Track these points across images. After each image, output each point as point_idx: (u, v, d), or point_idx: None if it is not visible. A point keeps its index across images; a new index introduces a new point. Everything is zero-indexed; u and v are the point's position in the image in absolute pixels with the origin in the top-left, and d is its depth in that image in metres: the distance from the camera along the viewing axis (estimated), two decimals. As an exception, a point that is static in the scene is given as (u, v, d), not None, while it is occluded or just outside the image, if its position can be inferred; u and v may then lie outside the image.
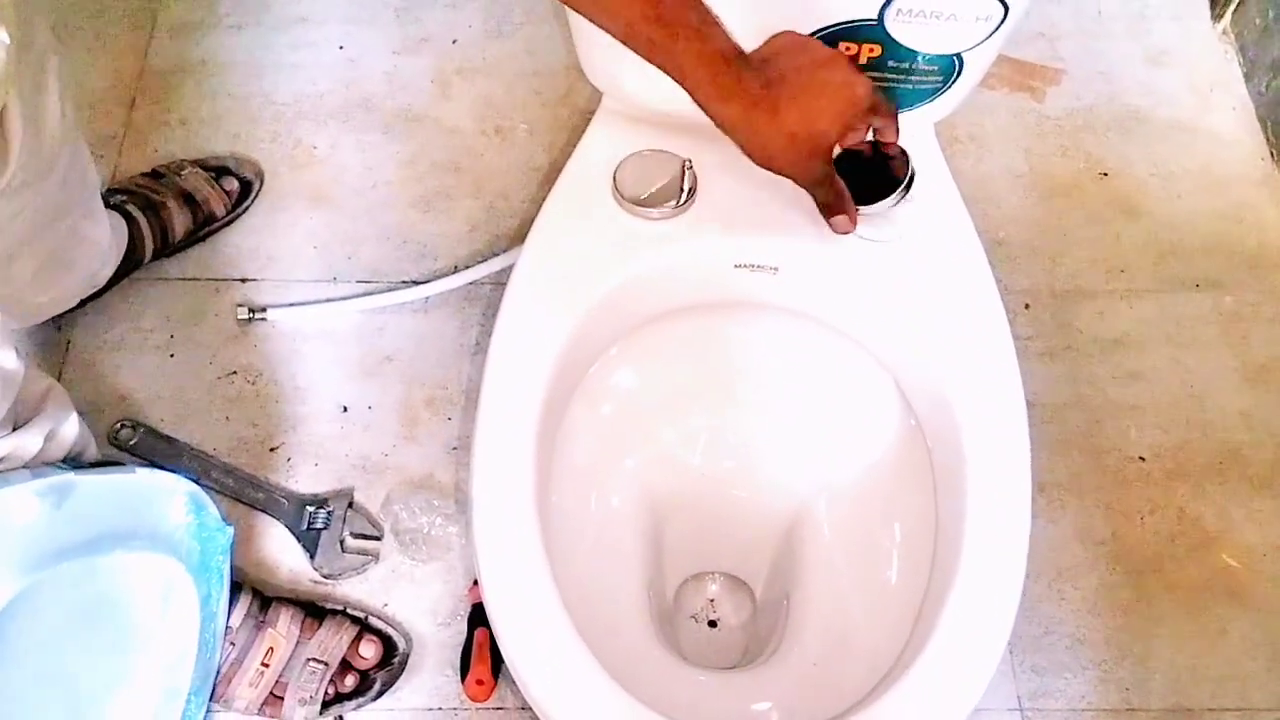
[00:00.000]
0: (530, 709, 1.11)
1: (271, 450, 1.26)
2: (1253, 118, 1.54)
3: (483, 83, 1.53)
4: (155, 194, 1.33)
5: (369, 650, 1.11)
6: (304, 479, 1.24)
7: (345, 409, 1.29)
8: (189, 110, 1.49)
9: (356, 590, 1.19)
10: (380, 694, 1.11)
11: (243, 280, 1.36)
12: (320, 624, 1.11)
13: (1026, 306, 1.39)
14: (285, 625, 1.10)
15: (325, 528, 1.19)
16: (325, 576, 1.18)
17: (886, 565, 0.97)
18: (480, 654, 1.12)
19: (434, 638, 1.16)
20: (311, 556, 1.18)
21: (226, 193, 1.37)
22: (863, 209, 0.86)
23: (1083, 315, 1.39)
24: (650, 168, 0.92)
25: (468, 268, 1.36)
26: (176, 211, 1.32)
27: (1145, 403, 1.34)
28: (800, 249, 0.94)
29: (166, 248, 1.34)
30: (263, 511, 1.21)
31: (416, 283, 1.35)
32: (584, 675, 0.79)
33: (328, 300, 1.34)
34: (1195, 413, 1.33)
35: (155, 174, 1.37)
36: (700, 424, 1.06)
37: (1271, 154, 1.51)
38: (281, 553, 1.20)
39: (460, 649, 1.15)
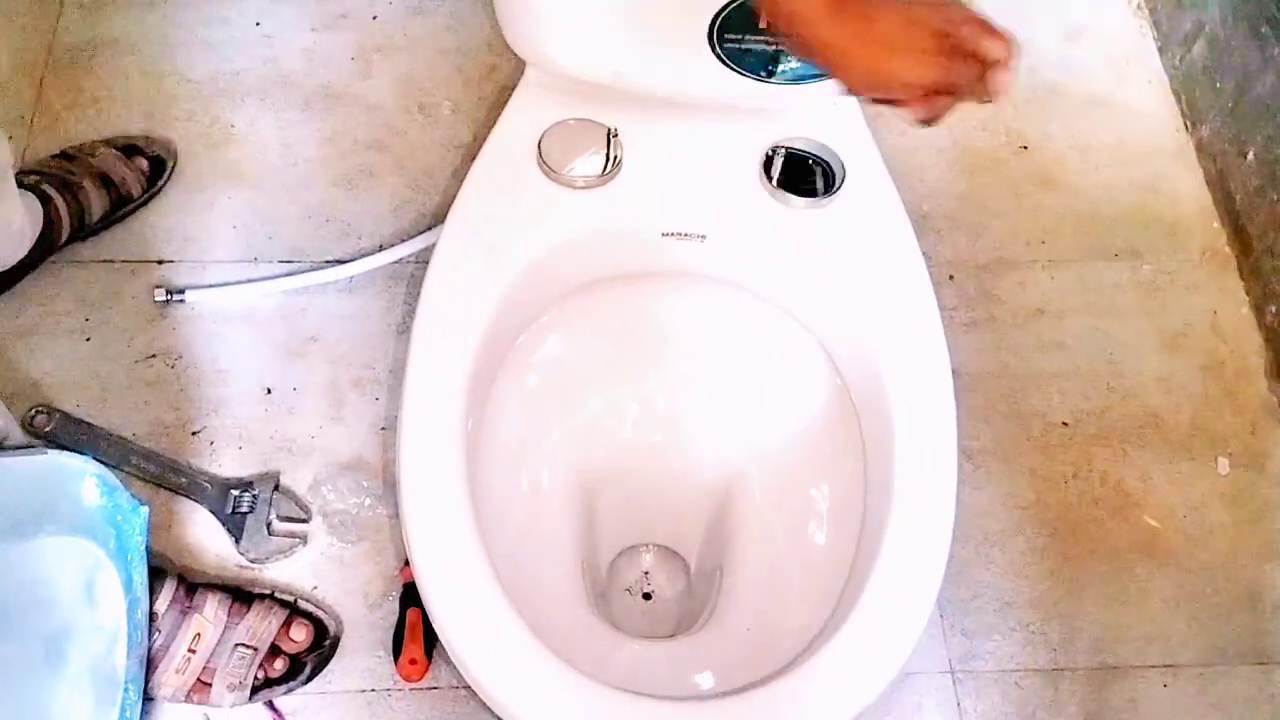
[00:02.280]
0: (465, 687, 1.11)
1: (194, 434, 1.23)
2: (1167, 90, 1.57)
3: (404, 60, 1.51)
4: (70, 175, 1.29)
5: (299, 634, 1.09)
6: (228, 463, 1.22)
7: (269, 391, 1.26)
8: (101, 89, 1.45)
9: (285, 574, 1.16)
10: (311, 677, 1.10)
11: (160, 262, 1.33)
12: (249, 608, 1.09)
13: (950, 278, 1.41)
14: (212, 610, 1.07)
15: (250, 511, 1.17)
16: (252, 561, 1.16)
17: (817, 529, 0.98)
18: (413, 634, 1.11)
19: (365, 619, 1.15)
20: (237, 541, 1.16)
21: (141, 172, 1.34)
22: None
23: (1005, 285, 1.42)
24: (575, 137, 0.91)
25: (392, 246, 1.34)
26: (93, 192, 1.29)
27: (1067, 370, 1.36)
28: (727, 217, 0.94)
29: (83, 230, 1.30)
30: (186, 496, 1.18)
31: (340, 262, 1.33)
32: (521, 649, 0.78)
33: (249, 281, 1.31)
34: (1115, 379, 1.36)
35: (67, 155, 1.33)
36: (629, 395, 1.05)
37: (1186, 125, 1.54)
38: (207, 538, 1.18)
39: (393, 630, 1.13)
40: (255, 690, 1.07)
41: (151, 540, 1.15)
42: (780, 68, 0.90)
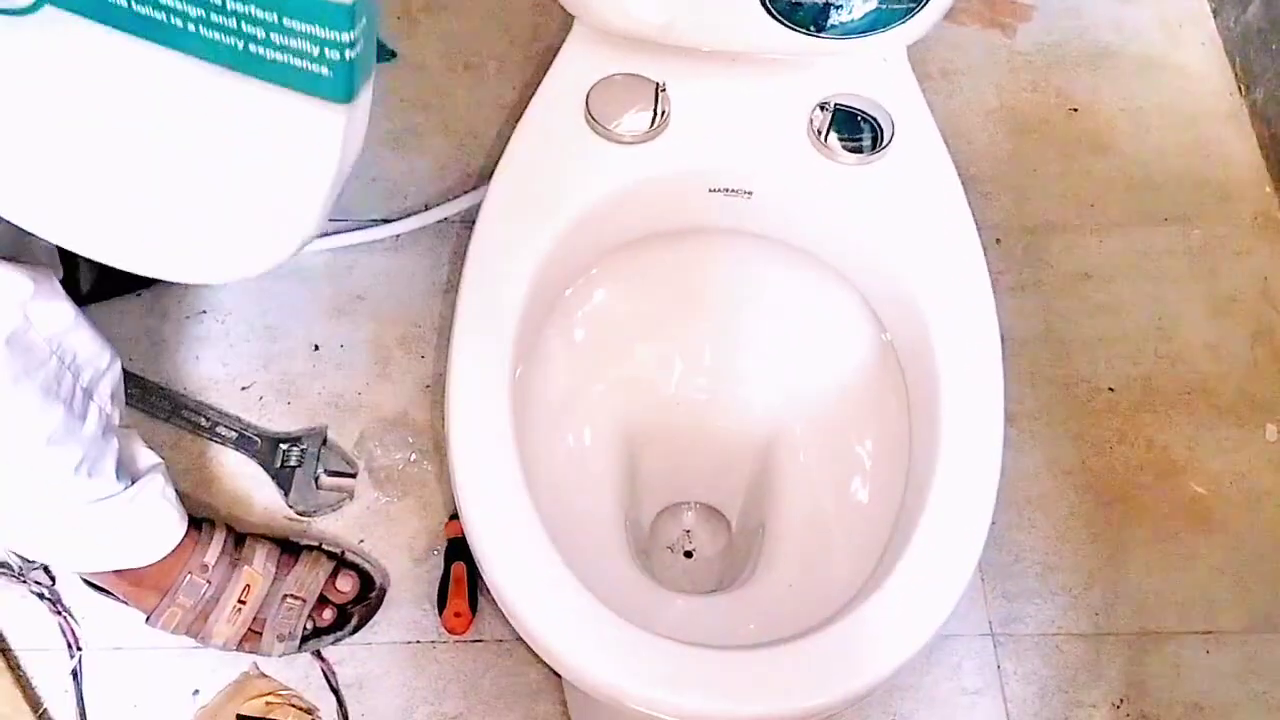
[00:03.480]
0: (509, 640, 1.13)
1: (243, 389, 1.25)
2: (1221, 53, 1.55)
3: (449, 19, 1.51)
4: None
5: (346, 584, 1.11)
6: (276, 417, 1.23)
7: (316, 348, 1.28)
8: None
9: (332, 527, 1.18)
10: (357, 628, 1.11)
11: (210, 220, 1.35)
12: (296, 559, 1.11)
13: (997, 241, 1.40)
14: (261, 562, 1.09)
15: (299, 465, 1.19)
16: (300, 514, 1.17)
17: (861, 485, 0.98)
18: (457, 588, 1.13)
19: (410, 573, 1.16)
20: (285, 494, 1.18)
21: None
22: None
23: (1052, 249, 1.40)
24: (623, 91, 0.91)
25: (438, 205, 1.35)
26: None
27: (1114, 335, 1.35)
28: (775, 173, 0.94)
29: None
30: (235, 449, 1.20)
31: (386, 220, 1.34)
32: (572, 599, 0.79)
33: (297, 239, 1.32)
34: (1163, 344, 1.35)
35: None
36: (674, 350, 1.05)
37: (1239, 88, 1.51)
38: (255, 491, 1.19)
39: (437, 583, 1.15)
40: (304, 640, 1.09)
41: (201, 492, 1.18)
42: (830, 22, 0.89)
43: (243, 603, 1.08)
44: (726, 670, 0.79)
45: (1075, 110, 1.50)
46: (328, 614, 1.10)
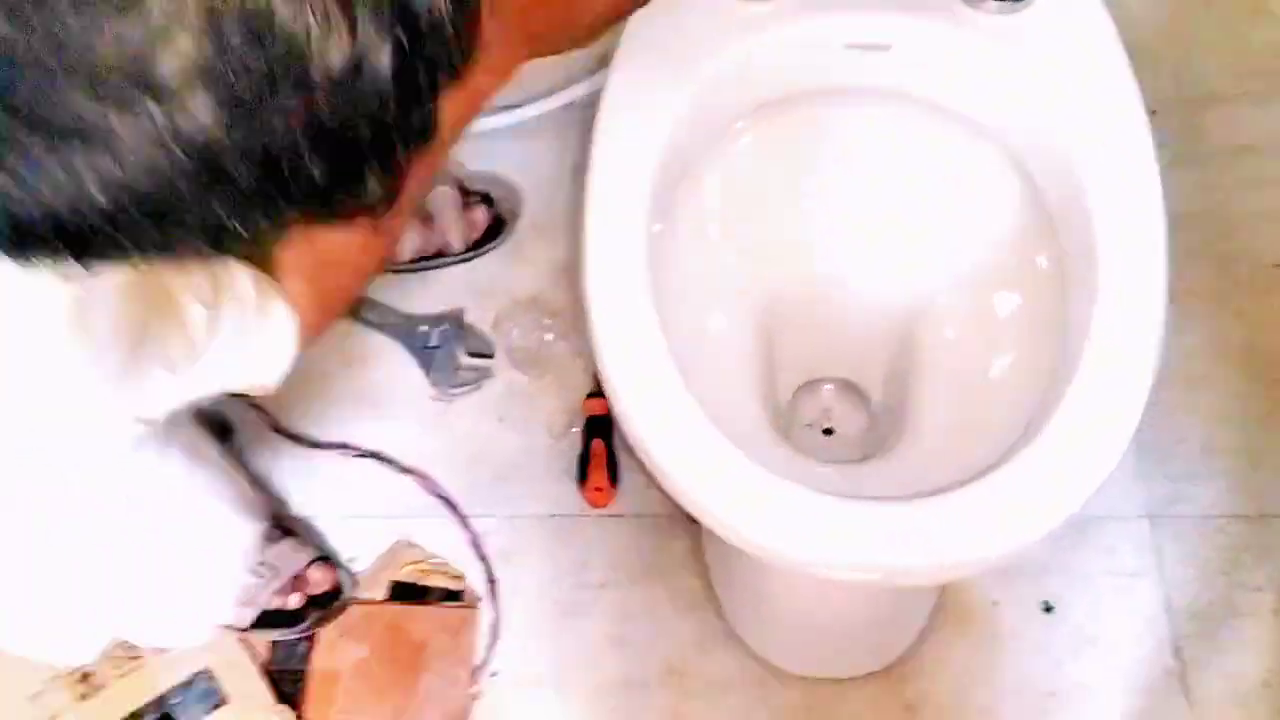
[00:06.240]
0: (648, 515, 1.12)
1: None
2: (1395, -93, 1.44)
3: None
4: None
5: (319, 576, 1.08)
6: (415, 300, 1.24)
7: (451, 233, 1.28)
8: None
9: (473, 408, 1.19)
10: (307, 630, 1.08)
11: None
12: (283, 537, 1.09)
13: (1153, 113, 1.31)
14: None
15: (439, 346, 1.20)
16: (441, 393, 1.18)
17: (1009, 347, 0.94)
18: (597, 463, 1.13)
19: (551, 449, 1.17)
20: (427, 373, 1.19)
21: None
22: None
23: (1211, 121, 1.33)
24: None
25: (564, 89, 1.33)
26: None
27: (1277, 210, 1.27)
28: (915, 24, 0.90)
29: None
30: (378, 330, 1.21)
31: (512, 107, 1.33)
32: (721, 455, 0.77)
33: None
34: (1333, 217, 1.27)
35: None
36: (812, 218, 1.02)
37: None
38: (399, 370, 1.21)
39: (576, 460, 1.15)
40: (258, 623, 1.06)
41: (348, 370, 1.19)
42: None
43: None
44: (880, 523, 0.77)
45: (1234, -26, 1.41)
46: (293, 600, 1.07)
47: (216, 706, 1.03)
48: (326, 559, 1.12)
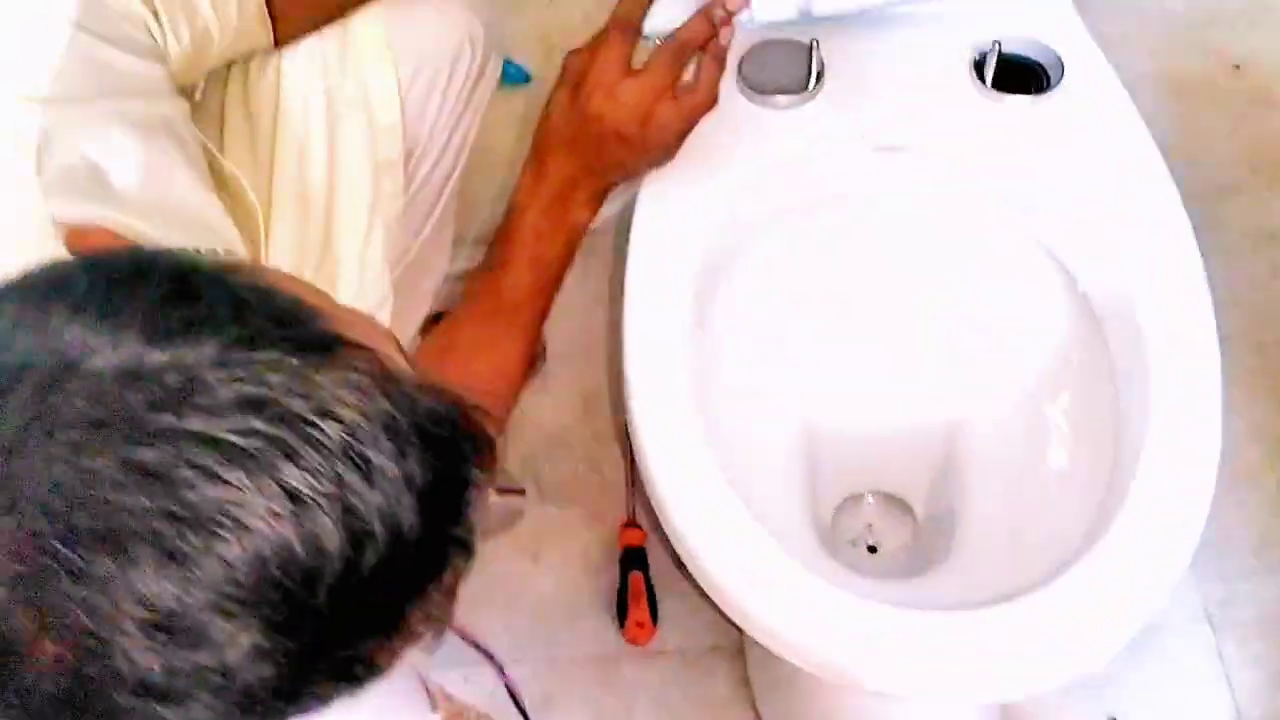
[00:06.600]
0: (691, 650, 1.09)
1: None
2: (1386, -8, 1.46)
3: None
4: None
5: None
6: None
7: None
8: None
9: (504, 547, 1.16)
10: None
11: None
12: None
13: (1172, 205, 1.32)
14: None
15: (469, 487, 1.18)
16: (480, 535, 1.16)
17: (1060, 451, 0.92)
18: (637, 598, 1.10)
19: (589, 585, 1.14)
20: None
21: None
22: None
23: (1231, 211, 1.33)
24: (775, 54, 0.88)
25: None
26: None
27: (1310, 297, 1.26)
28: (941, 123, 0.90)
29: None
30: (405, 472, 1.20)
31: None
32: (775, 564, 0.75)
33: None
34: (1364, 301, 1.25)
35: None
36: (847, 326, 1.01)
37: None
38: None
39: (614, 594, 1.12)
40: None
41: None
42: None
43: None
44: (933, 636, 0.74)
45: (1238, 67, 1.43)
46: None
47: None
48: None
